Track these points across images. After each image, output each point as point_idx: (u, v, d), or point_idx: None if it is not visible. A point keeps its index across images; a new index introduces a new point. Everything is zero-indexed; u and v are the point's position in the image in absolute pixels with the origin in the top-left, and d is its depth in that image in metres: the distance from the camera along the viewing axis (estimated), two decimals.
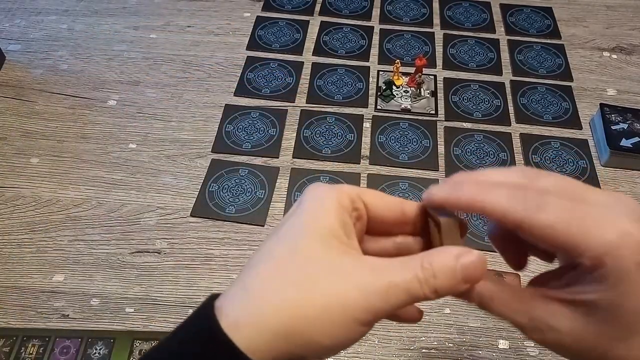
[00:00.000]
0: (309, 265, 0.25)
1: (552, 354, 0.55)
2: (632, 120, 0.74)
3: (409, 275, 0.25)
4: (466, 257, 0.25)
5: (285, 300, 0.24)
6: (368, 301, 0.25)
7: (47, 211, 0.66)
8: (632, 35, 0.91)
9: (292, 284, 0.25)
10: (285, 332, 0.24)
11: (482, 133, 0.76)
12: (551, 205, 0.24)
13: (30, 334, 0.56)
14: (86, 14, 0.92)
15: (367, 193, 0.29)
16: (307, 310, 0.24)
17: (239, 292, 0.25)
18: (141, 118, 0.77)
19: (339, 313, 0.24)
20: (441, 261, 0.26)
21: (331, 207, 0.27)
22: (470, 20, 0.93)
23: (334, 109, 0.78)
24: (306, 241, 0.26)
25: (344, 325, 0.24)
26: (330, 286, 0.25)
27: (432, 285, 0.25)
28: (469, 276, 0.25)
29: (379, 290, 0.25)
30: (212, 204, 0.67)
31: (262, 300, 0.24)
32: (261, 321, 0.24)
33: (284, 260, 0.26)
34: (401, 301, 0.25)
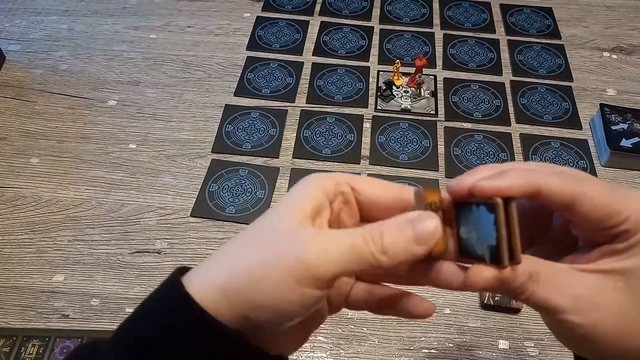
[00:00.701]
0: (263, 232, 0.26)
1: (552, 354, 0.56)
2: (632, 121, 0.74)
3: (354, 233, 0.25)
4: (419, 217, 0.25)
5: (229, 259, 0.26)
6: (306, 255, 0.24)
7: (47, 211, 0.66)
8: (632, 35, 0.91)
9: (242, 247, 0.26)
10: (224, 286, 0.24)
11: (482, 133, 0.76)
12: (590, 180, 0.25)
13: (30, 334, 0.56)
14: (86, 14, 0.92)
15: (359, 179, 0.29)
16: (243, 263, 0.25)
17: (204, 261, 0.27)
18: (141, 118, 0.77)
19: (271, 265, 0.24)
20: (389, 220, 0.25)
21: (309, 188, 0.27)
22: (470, 20, 0.93)
23: (334, 109, 0.78)
24: (271, 215, 0.27)
25: (281, 282, 0.24)
26: (270, 242, 0.25)
27: (379, 244, 0.24)
28: (419, 236, 0.25)
29: (317, 243, 0.24)
30: (212, 204, 0.67)
31: (213, 261, 0.26)
32: (208, 277, 0.25)
33: (247, 231, 0.27)
34: (345, 259, 0.24)
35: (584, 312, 0.25)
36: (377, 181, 0.29)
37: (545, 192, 0.25)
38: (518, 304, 0.58)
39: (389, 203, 0.29)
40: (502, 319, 0.58)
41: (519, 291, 0.25)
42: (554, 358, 0.56)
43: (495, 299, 0.59)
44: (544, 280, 0.25)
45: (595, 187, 0.25)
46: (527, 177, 0.25)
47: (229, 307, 0.24)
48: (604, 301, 0.25)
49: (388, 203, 0.29)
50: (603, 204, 0.25)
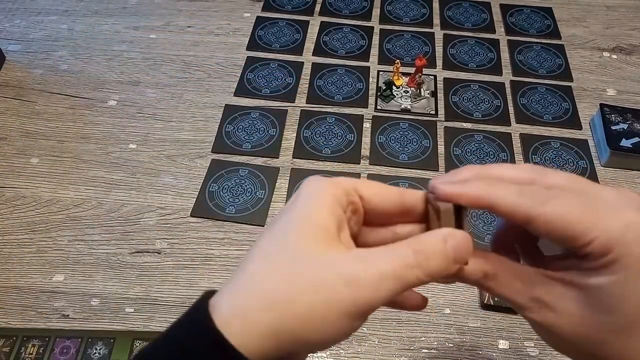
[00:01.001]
0: (297, 259, 0.25)
1: (552, 355, 0.56)
2: (632, 121, 0.74)
3: (397, 261, 0.25)
4: (454, 237, 0.26)
5: (273, 297, 0.24)
6: (356, 294, 0.24)
7: (47, 211, 0.66)
8: (632, 35, 0.91)
9: (279, 279, 0.24)
10: (274, 329, 0.24)
11: (482, 133, 0.76)
12: (560, 198, 0.25)
13: (30, 334, 0.56)
14: (86, 14, 0.92)
15: (364, 185, 0.29)
16: (295, 307, 0.24)
17: (233, 289, 0.25)
18: (141, 118, 0.77)
19: (326, 309, 0.24)
20: (432, 244, 0.26)
21: (325, 202, 0.26)
22: (470, 20, 0.93)
23: (334, 109, 0.78)
24: (296, 236, 0.25)
25: (333, 320, 0.24)
26: (317, 280, 0.24)
27: (427, 269, 0.25)
28: (459, 256, 0.26)
29: (367, 281, 0.24)
30: (212, 204, 0.67)
31: (252, 297, 0.24)
32: (251, 318, 0.24)
33: (274, 256, 0.25)
34: (392, 289, 0.25)
35: (539, 312, 0.26)
36: (381, 186, 0.29)
37: (498, 208, 0.26)
38: None
39: (390, 208, 0.29)
40: (502, 319, 0.58)
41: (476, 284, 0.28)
42: (553, 358, 0.56)
43: (496, 299, 0.59)
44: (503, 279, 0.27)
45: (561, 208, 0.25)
46: (484, 190, 0.26)
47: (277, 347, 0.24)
48: (561, 307, 0.26)
49: (389, 208, 0.29)
50: (563, 228, 0.24)
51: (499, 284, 0.27)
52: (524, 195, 0.25)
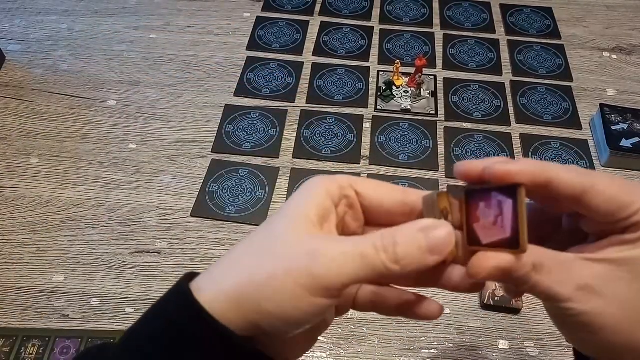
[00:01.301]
0: (271, 240, 0.26)
1: (552, 355, 0.56)
2: (632, 121, 0.74)
3: (364, 242, 0.25)
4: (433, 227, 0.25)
5: (240, 268, 0.25)
6: (314, 265, 0.24)
7: (47, 211, 0.66)
8: (632, 35, 0.91)
9: (249, 254, 0.26)
10: (237, 296, 0.25)
11: (482, 133, 0.76)
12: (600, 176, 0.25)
13: (30, 334, 0.56)
14: (86, 14, 0.92)
15: (362, 182, 0.29)
16: (256, 275, 0.25)
17: (212, 267, 0.27)
18: (141, 118, 0.77)
19: (282, 276, 0.24)
20: (403, 229, 0.25)
21: (313, 193, 0.27)
22: (470, 20, 0.93)
23: (334, 109, 0.78)
24: (279, 224, 0.26)
25: (290, 290, 0.24)
26: (280, 253, 0.25)
27: (392, 253, 0.24)
28: (434, 246, 0.25)
29: (327, 254, 0.24)
30: (212, 204, 0.67)
31: (222, 268, 0.26)
32: (218, 285, 0.25)
33: (254, 238, 0.27)
34: (356, 269, 0.24)
35: (587, 300, 0.25)
36: (380, 184, 0.29)
37: (555, 183, 0.25)
38: (518, 304, 0.58)
39: (391, 207, 0.28)
40: (502, 319, 0.58)
41: (521, 281, 0.25)
42: (554, 358, 0.56)
43: (496, 299, 0.59)
44: (548, 270, 0.25)
45: (605, 180, 0.25)
46: (539, 165, 0.25)
47: (241, 316, 0.25)
48: (608, 290, 0.25)
49: (391, 207, 0.28)
50: (613, 197, 0.24)
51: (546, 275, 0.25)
52: (572, 170, 0.25)
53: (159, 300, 0.27)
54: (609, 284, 0.25)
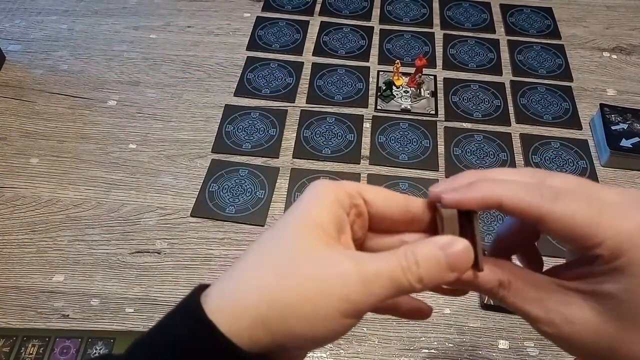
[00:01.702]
0: (291, 255, 0.25)
1: (552, 355, 0.56)
2: (632, 121, 0.74)
3: (392, 263, 0.25)
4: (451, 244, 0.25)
5: (264, 286, 0.24)
6: (348, 289, 0.24)
7: (47, 211, 0.66)
8: (632, 35, 0.91)
9: (272, 271, 0.25)
10: (264, 318, 0.24)
11: (482, 133, 0.76)
12: (569, 197, 0.25)
13: (30, 334, 0.56)
14: (86, 14, 0.92)
15: (369, 189, 0.29)
16: (285, 296, 0.24)
17: (225, 280, 0.26)
18: (141, 118, 0.77)
19: (317, 301, 0.24)
20: (424, 248, 0.25)
21: (326, 202, 0.27)
22: (470, 20, 0.93)
23: (334, 109, 0.78)
24: (294, 234, 0.26)
25: (323, 314, 0.24)
26: (310, 274, 0.24)
27: (416, 273, 0.25)
28: (454, 263, 0.25)
29: (360, 278, 0.24)
30: (212, 204, 0.67)
31: (243, 286, 0.25)
32: (240, 306, 0.24)
33: (269, 250, 0.26)
34: (385, 290, 0.24)
35: (556, 325, 0.25)
36: (386, 191, 0.29)
37: (507, 207, 0.25)
38: None
39: (395, 214, 0.29)
40: (502, 319, 0.58)
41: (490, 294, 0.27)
42: (554, 358, 0.56)
43: None
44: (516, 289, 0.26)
45: (571, 206, 0.24)
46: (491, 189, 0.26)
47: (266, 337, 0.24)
48: (578, 318, 0.25)
49: (395, 214, 0.29)
50: (574, 226, 0.24)
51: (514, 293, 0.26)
52: (534, 192, 0.25)
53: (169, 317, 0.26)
54: (578, 313, 0.25)
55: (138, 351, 0.25)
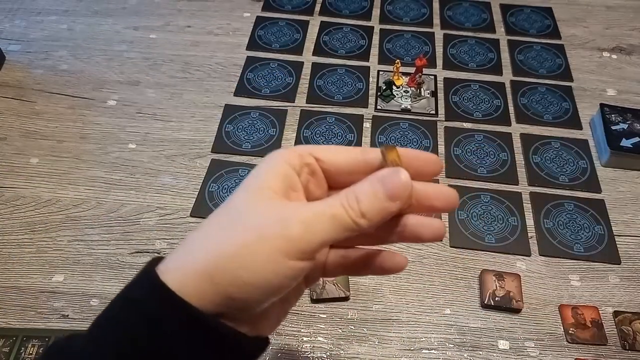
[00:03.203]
0: (237, 213, 0.26)
1: (552, 355, 0.56)
2: (632, 121, 0.74)
3: (333, 203, 0.25)
4: (389, 175, 0.26)
5: (209, 242, 0.25)
6: (288, 231, 0.24)
7: (47, 211, 0.66)
8: (632, 35, 0.91)
9: (218, 229, 0.26)
10: (209, 271, 0.24)
11: (483, 133, 0.76)
12: None
13: (30, 334, 0.56)
14: (86, 14, 0.92)
15: (320, 148, 0.29)
16: (227, 247, 0.25)
17: (178, 247, 0.27)
18: (141, 118, 0.77)
19: (257, 246, 0.24)
20: (364, 184, 0.26)
21: (274, 165, 0.27)
22: (471, 20, 0.93)
23: (334, 109, 0.78)
24: (241, 197, 0.27)
25: (265, 257, 0.24)
26: (251, 224, 0.25)
27: (356, 209, 0.25)
28: (392, 192, 0.25)
29: (300, 219, 0.25)
30: (211, 205, 0.67)
31: (190, 246, 0.26)
32: (186, 263, 0.25)
33: (217, 217, 0.27)
34: (327, 228, 0.25)
35: None
36: (338, 147, 0.30)
37: None
38: (518, 304, 0.58)
39: (353, 167, 0.29)
40: (502, 319, 0.58)
41: None
42: (554, 358, 0.56)
43: (496, 299, 0.59)
44: None
45: None
46: None
47: (215, 290, 0.24)
48: None
49: (352, 167, 0.29)
50: None
51: None
52: None
53: (126, 286, 0.27)
54: None
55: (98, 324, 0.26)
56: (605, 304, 0.59)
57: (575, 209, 0.68)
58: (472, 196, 0.69)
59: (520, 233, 0.65)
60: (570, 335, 0.57)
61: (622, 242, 0.65)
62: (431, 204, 0.29)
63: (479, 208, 0.67)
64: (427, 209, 0.29)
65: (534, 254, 0.64)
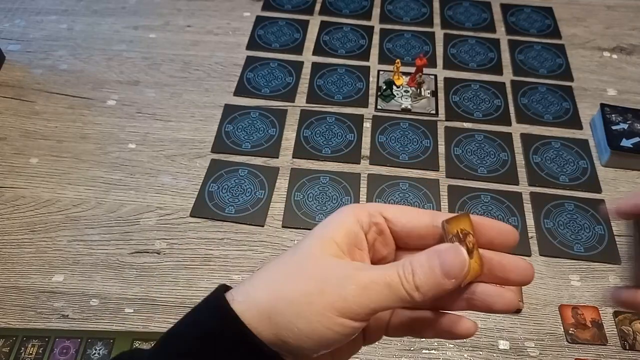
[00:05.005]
0: (301, 261, 0.27)
1: (552, 355, 0.56)
2: (633, 120, 0.74)
3: (390, 271, 0.26)
4: (445, 251, 0.26)
5: (272, 283, 0.27)
6: (345, 290, 0.25)
7: (47, 211, 0.66)
8: (632, 35, 0.91)
9: (282, 272, 0.27)
10: (269, 310, 0.26)
11: (483, 133, 0.76)
12: None
13: (30, 334, 0.56)
14: (86, 14, 0.92)
15: (390, 208, 0.29)
16: (288, 292, 0.26)
17: (245, 280, 0.28)
18: (140, 118, 0.77)
19: (315, 298, 0.25)
20: (421, 257, 0.26)
21: (343, 220, 0.28)
22: (471, 20, 0.92)
23: (334, 108, 0.78)
24: (308, 245, 0.28)
25: (319, 310, 0.25)
26: (312, 275, 0.26)
27: (411, 281, 0.25)
28: (448, 271, 0.25)
29: (357, 282, 0.25)
30: (211, 204, 0.67)
31: (256, 283, 0.27)
32: (250, 298, 0.26)
33: (285, 257, 0.28)
34: (382, 297, 0.25)
35: None
36: (409, 209, 0.30)
37: None
38: (518, 304, 0.58)
39: (422, 231, 0.29)
40: (502, 319, 0.58)
41: None
42: (554, 358, 0.56)
43: None
44: None
45: None
46: None
47: (271, 329, 0.26)
48: None
49: (421, 231, 0.29)
50: None
51: None
52: None
53: (195, 308, 0.28)
54: None
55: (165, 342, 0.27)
56: (605, 304, 0.59)
57: (575, 209, 0.67)
58: (473, 196, 0.68)
59: (521, 233, 0.65)
60: (570, 336, 0.57)
61: (623, 242, 0.65)
62: (506, 276, 0.29)
63: (479, 208, 0.67)
64: (501, 281, 0.29)
65: (534, 254, 0.64)
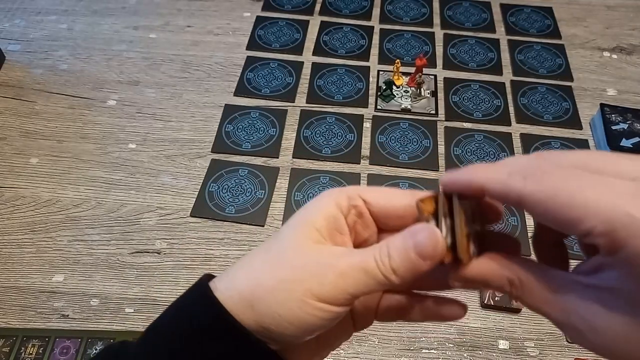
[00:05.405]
0: (281, 248, 0.27)
1: (552, 354, 0.56)
2: (632, 121, 0.74)
3: (367, 256, 0.25)
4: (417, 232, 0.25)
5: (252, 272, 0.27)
6: (323, 275, 0.25)
7: (47, 211, 0.66)
8: (632, 35, 0.91)
9: (262, 260, 0.27)
10: (249, 298, 0.26)
11: (483, 133, 0.76)
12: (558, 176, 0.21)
13: (30, 334, 0.56)
14: (86, 14, 0.92)
15: (369, 190, 0.29)
16: (268, 280, 0.26)
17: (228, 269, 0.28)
18: (141, 118, 0.77)
19: (293, 282, 0.25)
20: (396, 239, 0.25)
21: (322, 205, 0.28)
22: (471, 20, 0.93)
23: (334, 109, 0.78)
24: (288, 232, 0.28)
25: (300, 295, 0.25)
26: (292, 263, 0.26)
27: (388, 264, 0.25)
28: (422, 252, 0.24)
29: (335, 268, 0.25)
30: (211, 204, 0.67)
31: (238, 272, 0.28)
32: (232, 286, 0.27)
33: (265, 246, 0.28)
34: (360, 281, 0.25)
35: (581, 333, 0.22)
36: (388, 190, 0.29)
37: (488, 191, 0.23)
38: (518, 304, 0.58)
39: (401, 211, 0.28)
40: (502, 319, 0.58)
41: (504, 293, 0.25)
42: (554, 358, 0.56)
43: (496, 299, 0.59)
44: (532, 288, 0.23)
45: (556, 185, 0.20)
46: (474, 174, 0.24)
47: (253, 317, 0.26)
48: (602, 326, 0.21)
49: (400, 211, 0.28)
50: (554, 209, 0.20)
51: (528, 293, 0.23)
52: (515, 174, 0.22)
53: (179, 298, 0.28)
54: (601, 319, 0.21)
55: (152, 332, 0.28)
56: None
57: None
58: None
59: (521, 233, 0.65)
60: None
61: None
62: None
63: None
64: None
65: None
